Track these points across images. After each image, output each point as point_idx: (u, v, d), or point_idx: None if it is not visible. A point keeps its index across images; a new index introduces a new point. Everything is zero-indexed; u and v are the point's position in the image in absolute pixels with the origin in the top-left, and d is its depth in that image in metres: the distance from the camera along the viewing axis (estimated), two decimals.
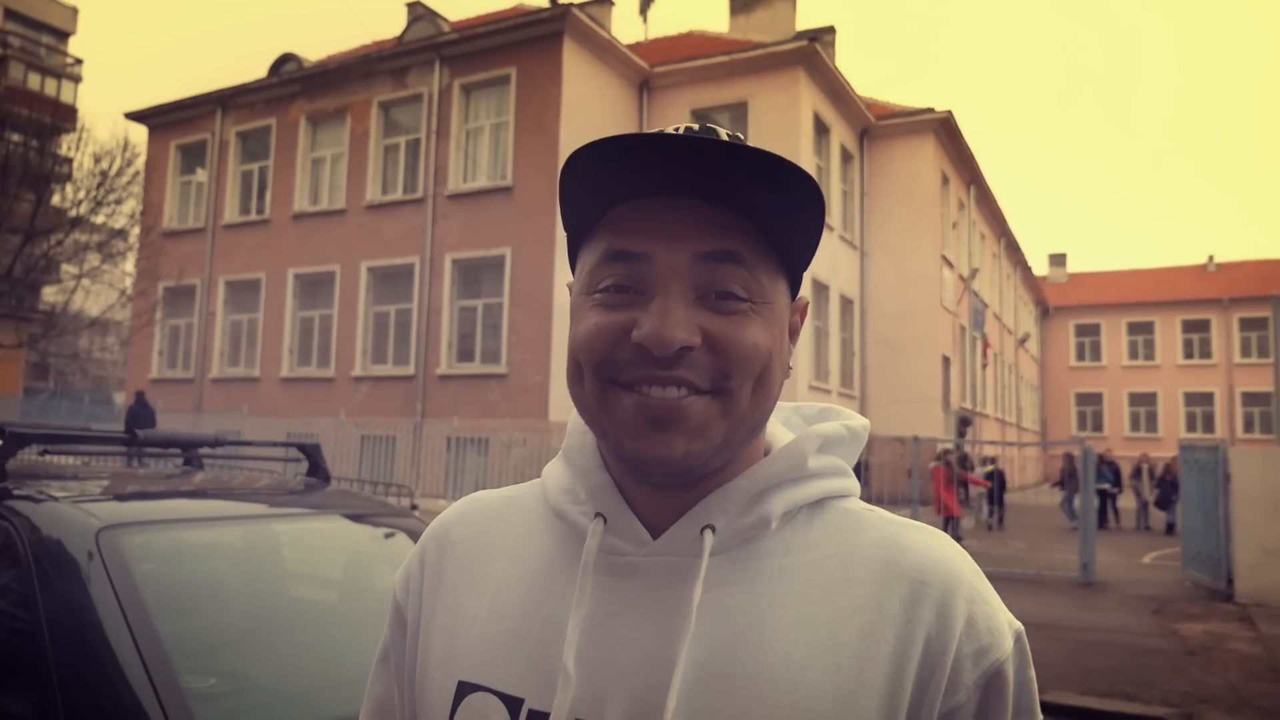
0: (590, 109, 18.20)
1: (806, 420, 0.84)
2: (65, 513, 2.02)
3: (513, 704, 0.69)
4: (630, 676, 0.66)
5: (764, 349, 0.67)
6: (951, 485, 13.90)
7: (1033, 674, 0.68)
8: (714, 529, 0.68)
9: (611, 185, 0.67)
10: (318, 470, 2.99)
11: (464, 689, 0.72)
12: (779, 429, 0.80)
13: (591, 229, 0.72)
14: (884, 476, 18.52)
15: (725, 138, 0.67)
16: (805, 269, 0.75)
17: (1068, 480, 18.13)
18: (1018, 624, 0.69)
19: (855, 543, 0.70)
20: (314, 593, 2.57)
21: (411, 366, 18.45)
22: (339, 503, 2.93)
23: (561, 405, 16.73)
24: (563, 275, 17.10)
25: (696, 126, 0.69)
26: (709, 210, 0.66)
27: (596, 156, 0.64)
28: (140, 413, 15.29)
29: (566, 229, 0.75)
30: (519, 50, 17.90)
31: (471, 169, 18.64)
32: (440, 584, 0.79)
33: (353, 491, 3.07)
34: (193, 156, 23.07)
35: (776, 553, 0.69)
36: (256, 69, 63.30)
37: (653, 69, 19.92)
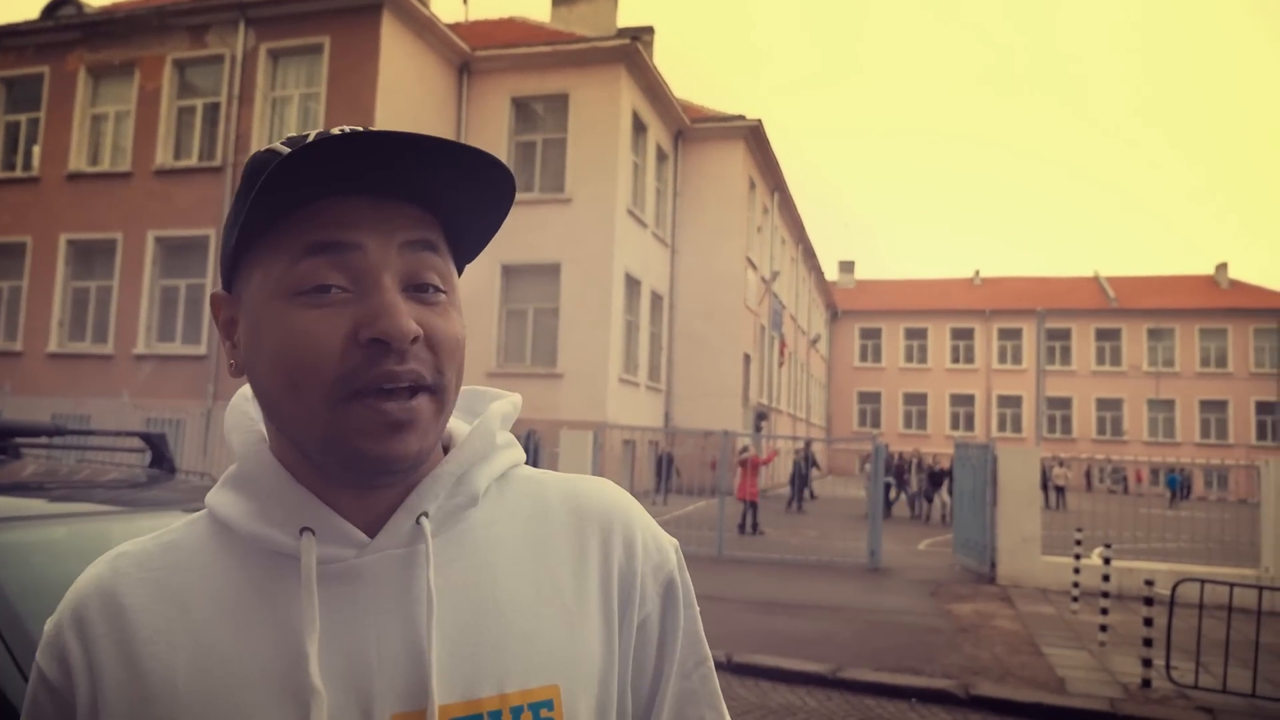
0: (409, 88, 17.67)
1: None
2: None
3: None
4: (388, 672, 0.67)
5: (461, 339, 0.71)
6: (754, 476, 14.62)
7: (688, 575, 0.82)
8: (428, 515, 0.71)
9: (303, 185, 0.65)
10: (163, 461, 2.82)
11: None
12: None
13: (268, 230, 0.68)
14: (689, 467, 19.25)
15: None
16: (473, 259, 0.77)
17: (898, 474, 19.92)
18: (674, 540, 0.83)
19: (545, 502, 0.78)
20: None
21: (204, 346, 17.26)
22: (188, 497, 2.79)
23: None
24: None
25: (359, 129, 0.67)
26: (399, 204, 0.68)
27: (300, 155, 0.63)
28: None
29: (229, 237, 0.70)
30: (333, 19, 17.08)
31: (278, 139, 17.54)
32: (121, 651, 0.68)
33: (200, 484, 2.93)
34: None
35: (484, 524, 0.75)
36: (25, 10, 56.62)
37: (474, 52, 19.61)
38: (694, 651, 0.80)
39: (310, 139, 0.64)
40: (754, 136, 24.68)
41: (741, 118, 24.00)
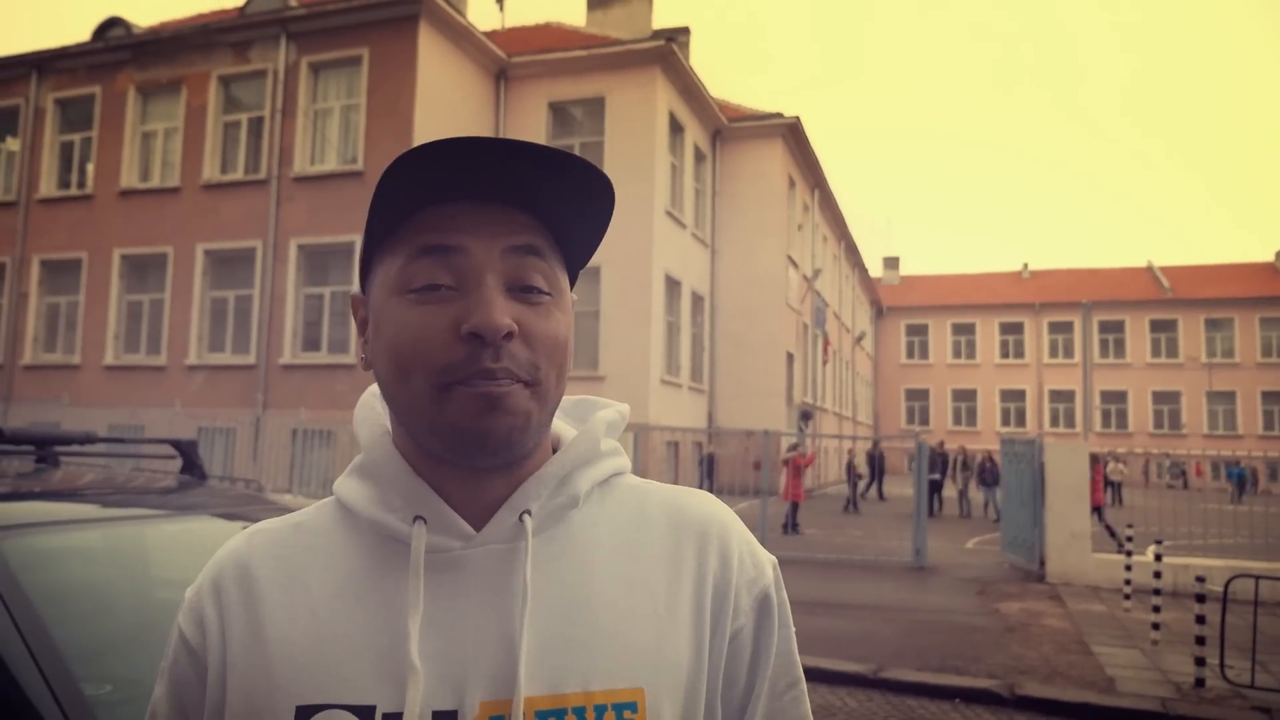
0: (446, 96, 17.87)
1: (564, 410, 0.88)
2: None
3: (364, 713, 0.70)
4: (481, 660, 0.71)
5: (564, 339, 0.74)
6: (798, 476, 14.52)
7: (785, 594, 0.83)
8: (530, 513, 0.75)
9: (416, 191, 0.70)
10: (193, 468, 2.88)
11: (304, 712, 0.70)
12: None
13: (390, 236, 0.74)
14: (732, 468, 19.19)
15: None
16: (584, 265, 0.81)
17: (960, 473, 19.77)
18: (773, 557, 0.84)
19: (645, 510, 0.81)
20: None
21: (252, 355, 17.61)
22: (218, 502, 2.84)
23: None
24: None
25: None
26: (508, 210, 0.73)
27: (412, 162, 0.68)
28: None
29: (366, 240, 0.77)
30: (372, 31, 17.35)
31: (320, 151, 17.95)
32: (250, 618, 0.75)
33: (232, 489, 2.97)
34: (3, 123, 21.12)
35: (585, 526, 0.78)
36: (76, 32, 58.30)
37: (510, 59, 19.76)
38: (787, 672, 0.81)
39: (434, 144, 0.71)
40: (792, 134, 24.52)
41: (779, 115, 23.86)
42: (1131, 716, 5.61)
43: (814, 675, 6.30)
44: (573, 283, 0.80)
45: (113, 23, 21.10)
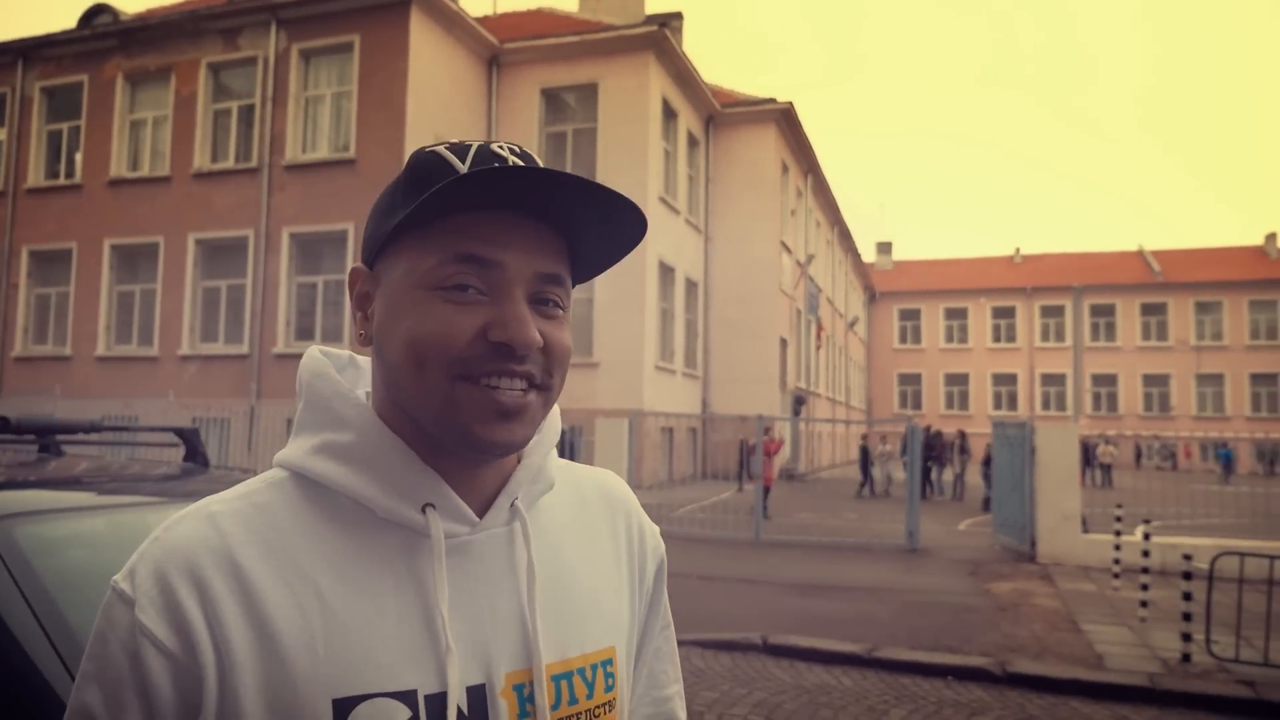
0: (439, 83, 17.82)
1: None
2: None
3: (407, 698, 0.70)
4: (500, 635, 0.76)
5: (570, 349, 0.79)
6: (770, 459, 14.51)
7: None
8: (518, 499, 0.81)
9: (464, 195, 0.72)
10: (196, 455, 2.92)
11: (344, 705, 0.69)
12: None
13: (420, 227, 0.74)
14: (729, 454, 19.28)
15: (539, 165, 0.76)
16: (583, 282, 0.86)
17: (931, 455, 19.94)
18: (655, 526, 0.99)
19: (582, 490, 0.91)
20: None
21: (245, 345, 17.60)
22: (222, 489, 2.87)
23: None
24: None
25: (518, 148, 0.77)
26: (543, 230, 0.76)
27: (478, 180, 0.70)
28: None
29: (382, 221, 0.77)
30: (362, 17, 17.28)
31: (311, 139, 17.89)
32: (249, 612, 0.70)
33: (235, 476, 3.01)
34: None
35: (547, 508, 0.86)
36: (63, 19, 57.76)
37: (502, 45, 19.70)
38: (664, 616, 0.98)
39: (473, 149, 0.75)
40: (785, 119, 24.51)
41: (773, 101, 23.84)
42: (1120, 692, 5.70)
43: (810, 655, 6.38)
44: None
45: (99, 9, 20.97)
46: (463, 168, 0.74)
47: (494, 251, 0.73)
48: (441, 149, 0.76)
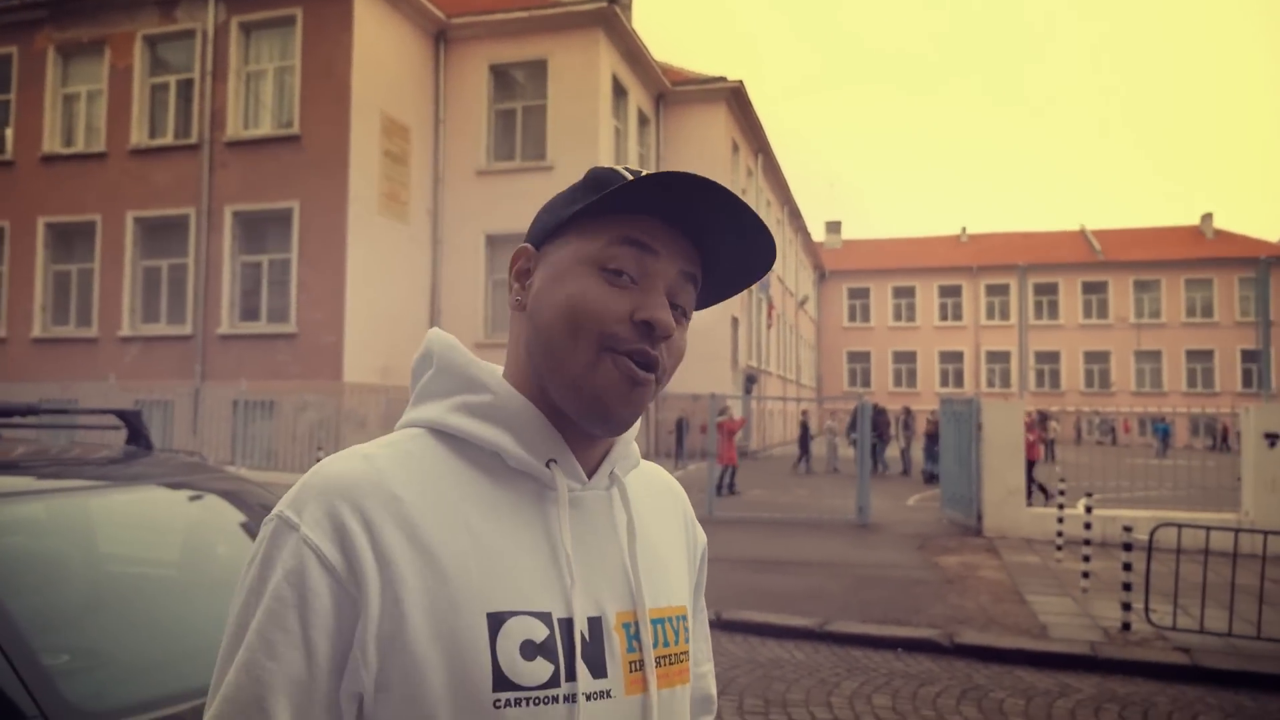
0: (384, 58, 17.47)
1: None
2: None
3: (545, 619, 0.81)
4: (609, 579, 0.88)
5: (685, 351, 0.90)
6: (730, 440, 14.62)
7: None
8: (615, 470, 0.93)
9: (636, 197, 0.84)
10: (139, 438, 2.84)
11: (496, 619, 0.79)
12: None
13: (589, 219, 0.87)
14: (690, 432, 19.33)
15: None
16: (700, 309, 0.96)
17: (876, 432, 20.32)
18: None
19: (647, 474, 1.03)
20: (151, 564, 2.48)
21: (189, 325, 17.17)
22: (166, 472, 2.81)
23: (357, 366, 16.17)
24: (358, 232, 16.44)
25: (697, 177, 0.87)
26: (687, 243, 0.88)
27: (645, 182, 0.82)
28: None
29: (561, 212, 0.89)
30: None
31: (254, 115, 17.44)
32: (411, 538, 0.79)
33: (179, 459, 2.94)
34: None
35: (630, 482, 0.96)
36: None
37: (450, 20, 19.36)
38: (703, 600, 1.11)
39: (643, 172, 0.84)
40: (736, 98, 24.50)
41: (723, 79, 23.80)
42: (1063, 660, 5.87)
43: (764, 630, 6.47)
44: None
45: None
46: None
47: (654, 241, 0.85)
48: (619, 167, 0.88)
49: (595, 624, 0.85)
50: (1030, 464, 14.11)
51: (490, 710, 0.77)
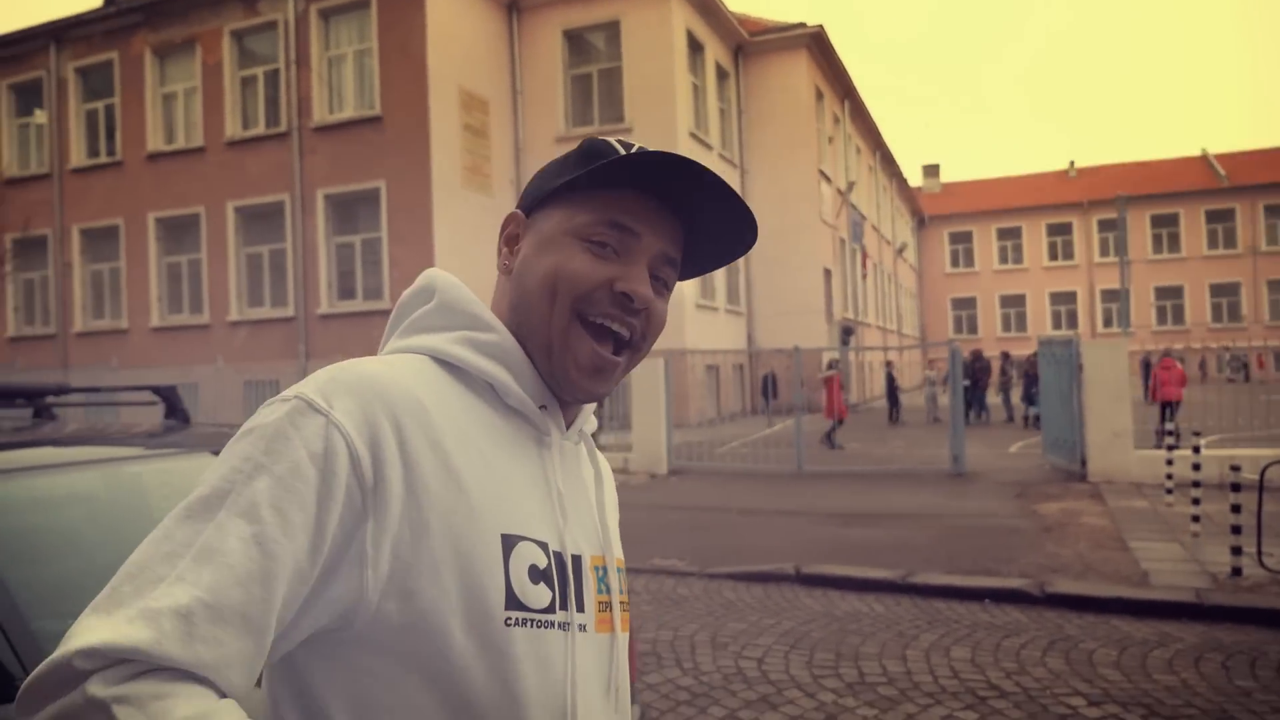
0: (458, 32, 17.60)
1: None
2: None
3: (544, 548, 0.85)
4: (584, 523, 0.94)
5: (665, 321, 0.95)
6: (841, 391, 14.41)
7: None
8: (584, 428, 1.01)
9: (623, 172, 0.88)
10: (176, 412, 2.92)
11: (509, 541, 0.81)
12: None
13: (577, 192, 0.91)
14: (782, 388, 19.11)
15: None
16: (683, 280, 1.01)
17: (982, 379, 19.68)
18: None
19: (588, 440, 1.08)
20: None
21: (290, 307, 17.87)
22: (204, 442, 2.89)
23: None
24: (444, 207, 16.73)
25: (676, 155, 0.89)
26: (672, 220, 0.92)
27: (645, 160, 0.86)
28: None
29: (550, 182, 0.93)
30: None
31: (337, 99, 17.86)
32: (434, 449, 0.79)
33: (218, 431, 3.02)
34: (28, 96, 21.34)
35: (583, 441, 1.03)
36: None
37: None
38: None
39: (635, 147, 0.89)
40: (817, 44, 23.77)
41: (803, 26, 23.10)
42: (1164, 608, 5.55)
43: (843, 584, 6.33)
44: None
45: None
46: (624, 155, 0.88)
47: (635, 224, 0.89)
48: (611, 139, 0.91)
49: (576, 562, 0.89)
50: (1165, 407, 13.35)
51: (501, 627, 0.78)
